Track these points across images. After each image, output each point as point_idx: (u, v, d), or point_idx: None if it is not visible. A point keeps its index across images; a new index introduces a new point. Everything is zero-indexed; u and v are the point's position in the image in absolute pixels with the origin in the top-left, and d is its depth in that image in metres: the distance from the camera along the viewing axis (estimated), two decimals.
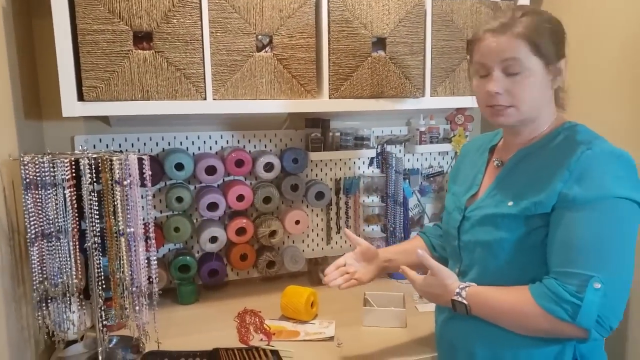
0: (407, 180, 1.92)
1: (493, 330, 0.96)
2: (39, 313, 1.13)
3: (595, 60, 1.56)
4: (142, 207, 1.19)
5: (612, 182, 0.85)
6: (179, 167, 1.57)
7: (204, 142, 1.70)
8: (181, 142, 1.67)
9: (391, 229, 1.88)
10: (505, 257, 0.95)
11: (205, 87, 1.33)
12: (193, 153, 1.68)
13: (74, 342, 1.29)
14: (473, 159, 1.12)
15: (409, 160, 1.96)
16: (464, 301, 0.95)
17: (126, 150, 1.60)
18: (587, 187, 0.86)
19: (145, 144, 1.63)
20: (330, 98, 1.45)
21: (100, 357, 1.21)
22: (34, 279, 1.10)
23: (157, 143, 1.65)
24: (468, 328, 1.01)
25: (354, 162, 1.89)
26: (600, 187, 0.85)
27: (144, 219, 1.19)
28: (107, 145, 1.58)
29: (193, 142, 1.69)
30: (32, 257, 1.09)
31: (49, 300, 1.14)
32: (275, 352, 1.26)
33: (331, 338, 1.35)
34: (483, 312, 0.95)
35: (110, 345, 1.30)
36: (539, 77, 0.91)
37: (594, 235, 0.85)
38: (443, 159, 2.00)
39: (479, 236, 0.99)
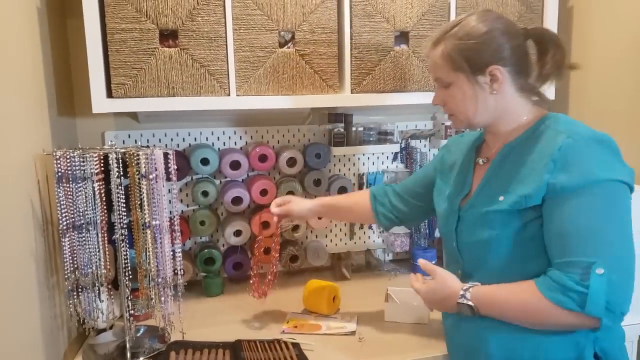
0: None
1: (508, 329, 0.94)
2: (71, 301, 1.18)
3: (607, 59, 1.51)
4: (169, 200, 1.23)
5: (597, 166, 0.86)
6: (205, 162, 1.60)
7: (229, 137, 1.73)
8: (207, 138, 1.71)
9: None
10: (504, 253, 0.94)
11: (229, 83, 1.36)
12: (218, 148, 1.72)
13: (105, 330, 1.34)
14: (461, 159, 1.13)
15: (433, 155, 1.93)
16: (470, 302, 0.95)
17: (153, 145, 1.64)
18: (574, 175, 0.86)
19: (172, 139, 1.68)
20: (352, 93, 1.46)
21: (127, 345, 1.25)
22: (66, 268, 1.15)
23: (183, 139, 1.69)
24: (481, 329, 0.99)
25: (377, 157, 1.88)
26: (586, 173, 0.85)
27: (170, 212, 1.22)
28: (135, 141, 1.63)
29: (218, 137, 1.72)
30: (64, 248, 1.14)
31: (80, 290, 1.18)
32: (296, 345, 1.27)
33: (353, 333, 1.36)
34: (491, 311, 0.94)
35: (138, 335, 1.35)
36: (466, 88, 0.98)
37: (588, 221, 0.85)
38: None
39: (476, 235, 0.98)
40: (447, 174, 1.15)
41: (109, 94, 1.29)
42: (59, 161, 1.11)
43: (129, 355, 1.24)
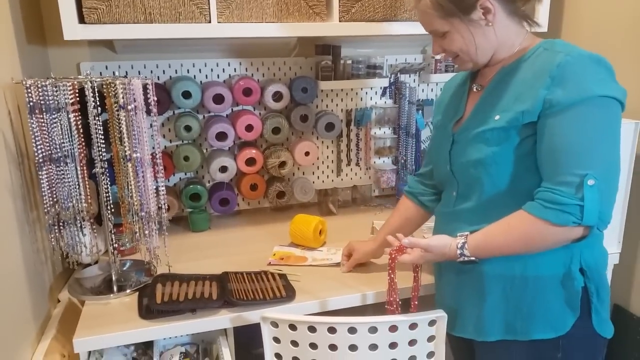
0: (420, 111, 1.87)
1: None
2: (52, 236, 1.16)
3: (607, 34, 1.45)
4: (151, 135, 1.18)
5: (594, 83, 0.88)
6: (187, 95, 1.54)
7: (211, 69, 1.66)
8: (188, 70, 1.64)
9: (402, 161, 1.86)
10: (498, 171, 0.97)
11: (209, 9, 1.28)
12: (200, 81, 1.65)
13: (90, 264, 1.34)
14: (455, 91, 1.13)
15: (423, 90, 1.90)
16: (472, 258, 0.98)
17: (132, 76, 1.58)
18: (570, 90, 0.88)
19: (152, 71, 1.60)
20: (340, 21, 1.38)
21: (113, 278, 1.25)
22: (45, 202, 1.12)
23: (163, 71, 1.62)
24: None
25: (366, 92, 1.83)
26: (583, 89, 0.88)
27: (153, 147, 1.18)
28: (113, 73, 1.56)
29: (200, 69, 1.65)
30: (42, 181, 1.11)
31: (62, 224, 1.16)
32: (283, 276, 1.29)
33: (338, 264, 1.37)
34: (492, 255, 0.98)
35: (124, 269, 1.35)
36: (463, 31, 0.97)
37: (582, 135, 0.88)
38: None
39: (470, 156, 1.00)
40: (440, 108, 1.15)
41: (81, 20, 1.21)
42: (29, 90, 1.05)
43: (115, 288, 1.24)
